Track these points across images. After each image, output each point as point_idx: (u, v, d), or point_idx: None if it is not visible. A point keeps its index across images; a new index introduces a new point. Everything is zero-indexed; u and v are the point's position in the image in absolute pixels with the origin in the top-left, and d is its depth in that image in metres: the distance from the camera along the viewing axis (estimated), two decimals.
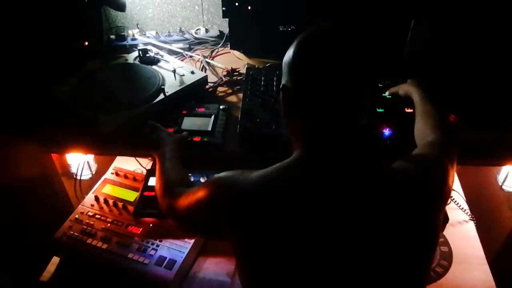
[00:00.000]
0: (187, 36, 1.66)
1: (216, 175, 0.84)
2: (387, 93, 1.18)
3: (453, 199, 1.49)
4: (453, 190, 1.57)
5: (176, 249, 1.31)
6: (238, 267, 0.82)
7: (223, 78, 1.42)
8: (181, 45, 1.61)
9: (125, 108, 1.19)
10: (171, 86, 1.26)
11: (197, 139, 1.14)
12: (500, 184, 1.49)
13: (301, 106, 0.78)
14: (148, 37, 1.63)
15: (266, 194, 0.76)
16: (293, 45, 0.78)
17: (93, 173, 1.63)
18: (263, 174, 0.78)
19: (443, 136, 0.95)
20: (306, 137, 0.79)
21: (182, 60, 1.50)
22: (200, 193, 0.85)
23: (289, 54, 0.78)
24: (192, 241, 1.33)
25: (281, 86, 0.80)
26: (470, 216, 1.50)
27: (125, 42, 1.60)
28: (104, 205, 1.45)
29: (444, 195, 0.83)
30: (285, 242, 0.73)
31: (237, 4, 1.42)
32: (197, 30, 1.69)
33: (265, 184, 0.76)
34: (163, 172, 1.04)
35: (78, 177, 1.53)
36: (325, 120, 0.77)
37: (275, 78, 1.28)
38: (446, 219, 1.21)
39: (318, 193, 0.74)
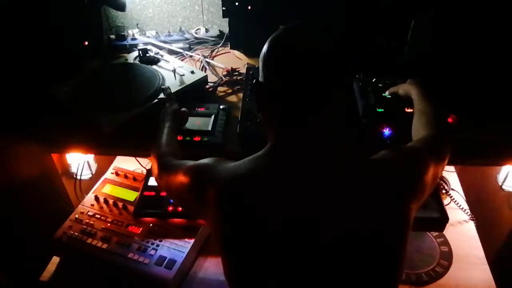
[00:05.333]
0: (187, 36, 1.66)
1: (194, 163, 0.87)
2: (387, 93, 1.18)
3: (453, 199, 1.49)
4: (453, 190, 1.58)
5: (176, 249, 1.31)
6: (220, 256, 0.83)
7: (223, 78, 1.42)
8: (181, 45, 1.61)
9: (125, 108, 1.19)
10: (171, 86, 1.26)
11: (197, 139, 1.14)
12: (500, 184, 1.49)
13: (271, 101, 0.81)
14: (148, 37, 1.63)
15: (237, 181, 0.79)
16: (266, 43, 0.80)
17: (93, 173, 1.63)
18: (237, 163, 0.81)
19: (433, 133, 0.95)
20: (276, 131, 0.81)
21: (182, 60, 1.50)
22: (180, 178, 0.88)
23: (262, 51, 0.81)
24: (192, 241, 1.33)
25: (254, 81, 0.83)
26: (470, 216, 1.50)
27: (125, 42, 1.60)
28: (104, 205, 1.45)
29: (415, 189, 0.82)
30: (252, 227, 0.76)
31: (237, 4, 1.42)
32: (197, 30, 1.69)
33: (237, 172, 0.80)
34: (160, 142, 1.04)
35: (78, 177, 1.54)
36: (293, 116, 0.79)
37: None
38: (446, 219, 1.22)
39: (282, 183, 0.77)
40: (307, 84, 0.76)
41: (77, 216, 1.41)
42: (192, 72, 1.33)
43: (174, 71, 1.31)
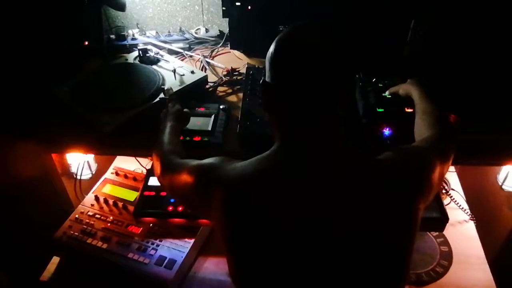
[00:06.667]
0: (187, 36, 1.66)
1: (199, 162, 0.87)
2: (387, 93, 1.18)
3: (453, 199, 1.49)
4: (453, 190, 1.58)
5: (176, 249, 1.31)
6: (226, 256, 0.83)
7: (223, 78, 1.42)
8: (181, 45, 1.61)
9: (125, 108, 1.19)
10: (171, 86, 1.26)
11: (197, 138, 1.14)
12: (500, 184, 1.49)
13: (279, 101, 0.80)
14: (148, 36, 1.63)
15: (245, 181, 0.79)
16: (273, 43, 0.80)
17: (93, 173, 1.63)
18: (244, 163, 0.81)
19: (437, 133, 0.95)
20: (283, 130, 0.81)
21: (182, 60, 1.50)
22: (184, 177, 0.87)
23: (269, 51, 0.80)
24: (192, 241, 1.33)
25: (261, 81, 0.83)
26: (470, 216, 1.50)
27: (125, 42, 1.60)
28: (104, 205, 1.45)
29: (423, 189, 0.82)
30: (260, 228, 0.76)
31: (237, 4, 1.42)
32: (197, 30, 1.69)
33: (244, 173, 0.79)
34: (162, 141, 1.04)
35: (78, 177, 1.53)
36: (301, 116, 0.79)
37: None
38: (446, 219, 1.21)
39: (290, 183, 0.77)
40: (314, 83, 0.75)
41: (77, 216, 1.41)
42: (192, 72, 1.33)
43: (174, 71, 1.31)
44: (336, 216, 0.75)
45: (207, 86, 1.37)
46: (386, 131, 1.11)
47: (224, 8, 1.45)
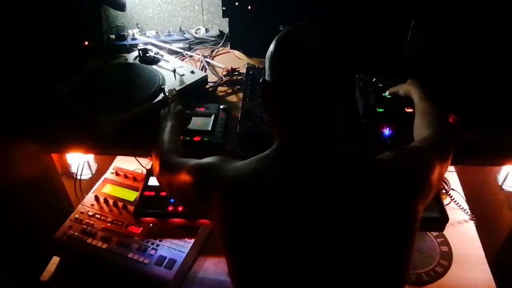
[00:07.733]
0: (187, 35, 1.66)
1: (198, 161, 0.87)
2: (387, 93, 1.18)
3: (453, 199, 1.49)
4: (453, 190, 1.58)
5: (176, 249, 1.31)
6: (225, 256, 0.83)
7: (223, 77, 1.42)
8: (181, 44, 1.61)
9: (125, 108, 1.19)
10: (171, 86, 1.26)
11: (197, 138, 1.14)
12: (500, 184, 1.49)
13: (278, 100, 0.80)
14: (148, 36, 1.63)
15: (244, 181, 0.78)
16: (273, 41, 0.80)
17: (93, 173, 1.63)
18: (243, 163, 0.81)
19: (436, 133, 0.95)
20: (283, 129, 0.81)
21: (182, 60, 1.50)
22: (183, 177, 0.87)
23: (269, 50, 0.80)
24: (192, 241, 1.33)
25: (260, 80, 0.83)
26: (470, 216, 1.50)
27: (125, 42, 1.60)
28: (104, 205, 1.45)
29: (422, 189, 0.82)
30: (261, 228, 0.76)
31: (237, 3, 1.42)
32: (197, 29, 1.69)
33: (243, 173, 0.79)
34: (162, 139, 1.04)
35: (78, 177, 1.53)
36: (301, 115, 0.79)
37: None
38: (446, 219, 1.21)
39: (290, 183, 0.76)
40: (314, 83, 0.76)
41: (77, 216, 1.41)
42: (192, 72, 1.33)
43: (174, 71, 1.31)
44: (336, 216, 0.75)
45: (207, 86, 1.37)
46: (386, 131, 1.11)
47: (224, 8, 1.45)
